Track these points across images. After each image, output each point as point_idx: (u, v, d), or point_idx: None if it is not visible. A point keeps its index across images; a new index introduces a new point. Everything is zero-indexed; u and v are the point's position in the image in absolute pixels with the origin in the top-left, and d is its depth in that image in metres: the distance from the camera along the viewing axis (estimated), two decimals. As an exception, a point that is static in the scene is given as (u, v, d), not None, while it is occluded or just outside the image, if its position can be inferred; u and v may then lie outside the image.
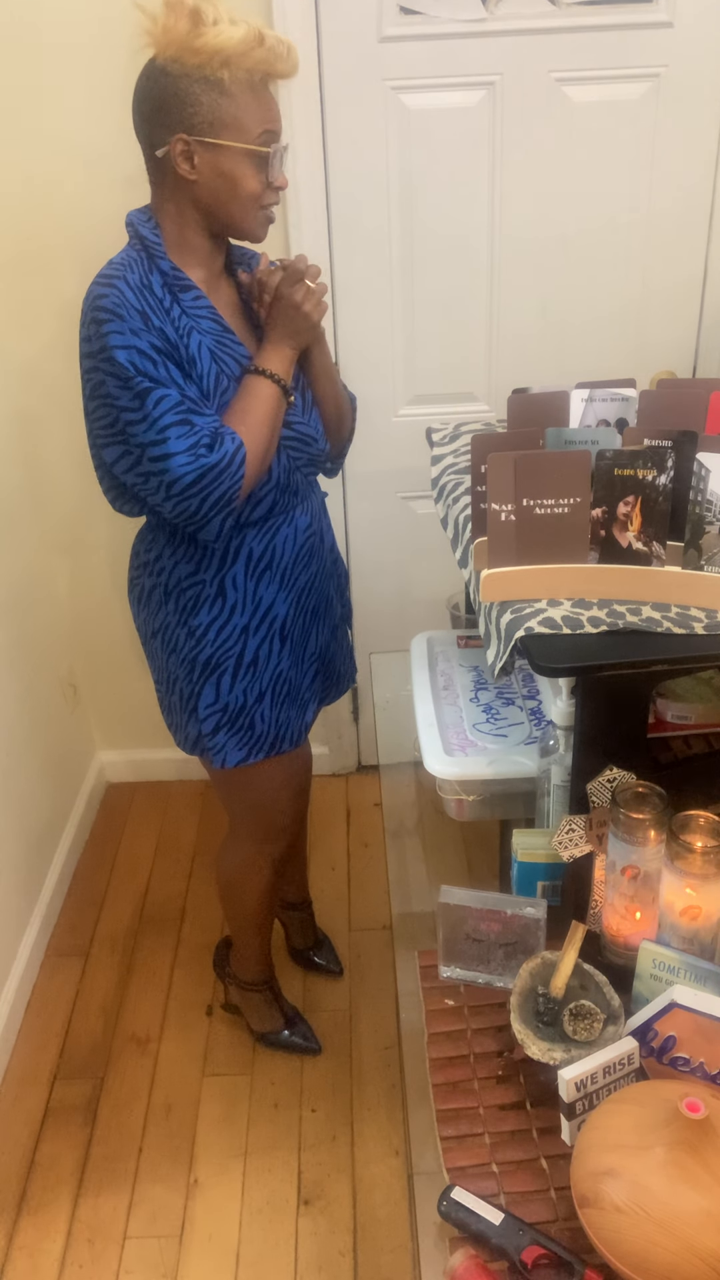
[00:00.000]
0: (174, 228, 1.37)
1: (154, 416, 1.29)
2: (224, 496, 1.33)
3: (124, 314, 1.28)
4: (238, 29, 1.23)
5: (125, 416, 1.30)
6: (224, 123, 1.27)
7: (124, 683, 2.61)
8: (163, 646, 1.55)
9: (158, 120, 1.29)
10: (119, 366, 1.28)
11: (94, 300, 1.30)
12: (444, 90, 1.98)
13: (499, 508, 1.13)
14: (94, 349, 1.30)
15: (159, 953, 2.24)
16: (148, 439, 1.30)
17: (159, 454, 1.30)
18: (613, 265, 2.14)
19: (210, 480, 1.31)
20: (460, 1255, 0.89)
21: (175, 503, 1.33)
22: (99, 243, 1.52)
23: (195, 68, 1.25)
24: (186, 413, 1.31)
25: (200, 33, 1.22)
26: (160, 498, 1.34)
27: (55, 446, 2.29)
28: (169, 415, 1.29)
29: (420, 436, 1.70)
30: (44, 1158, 1.84)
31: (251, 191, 1.32)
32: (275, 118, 1.31)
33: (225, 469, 1.32)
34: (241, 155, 1.29)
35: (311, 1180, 1.78)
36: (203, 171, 1.30)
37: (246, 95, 1.27)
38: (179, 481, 1.31)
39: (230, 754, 1.57)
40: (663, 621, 1.07)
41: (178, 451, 1.30)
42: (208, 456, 1.30)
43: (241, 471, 1.33)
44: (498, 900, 1.13)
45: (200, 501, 1.33)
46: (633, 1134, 0.86)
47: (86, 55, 1.89)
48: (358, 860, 2.48)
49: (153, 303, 1.32)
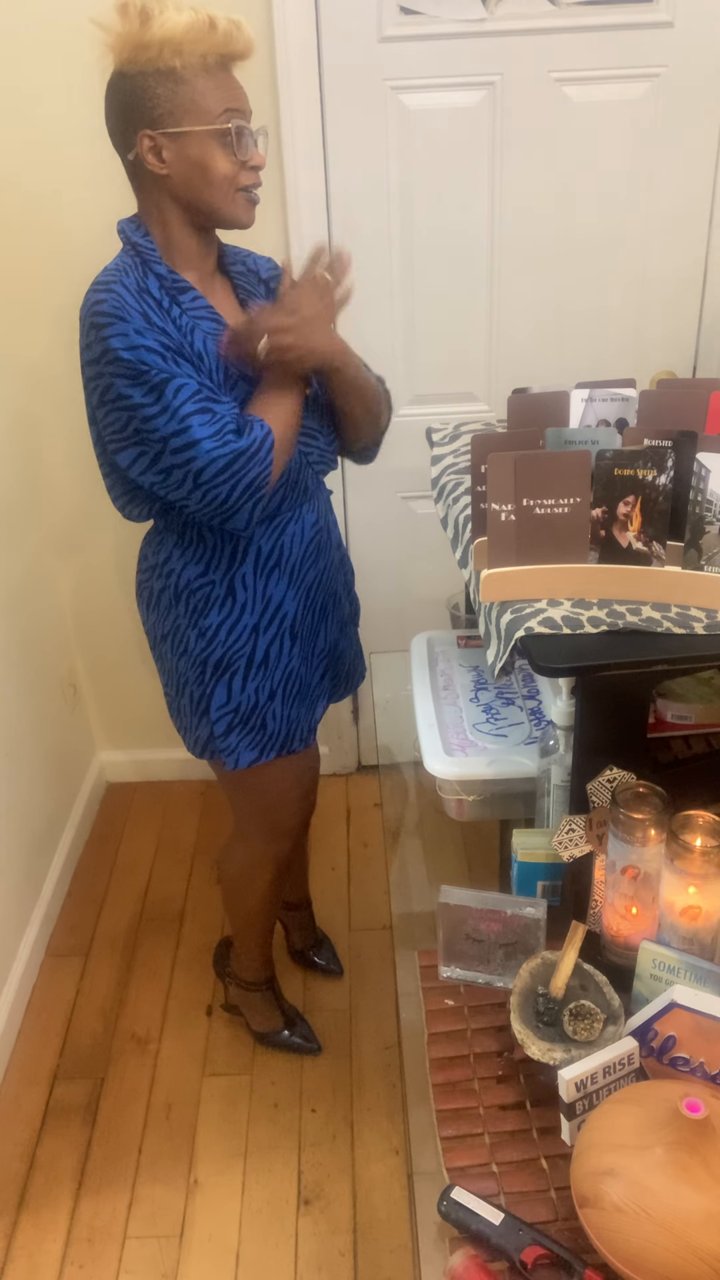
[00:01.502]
0: (161, 231, 1.36)
1: (174, 406, 1.27)
2: (254, 482, 1.31)
3: (126, 315, 1.27)
4: (183, 15, 1.23)
5: (142, 413, 1.28)
6: (184, 110, 1.26)
7: (124, 683, 2.62)
8: (173, 649, 1.55)
9: (124, 124, 1.30)
10: (127, 365, 1.27)
11: (92, 306, 1.29)
12: (444, 90, 1.98)
13: (499, 508, 1.13)
14: (95, 355, 1.29)
15: (159, 953, 2.24)
16: (169, 430, 1.28)
17: (183, 443, 1.28)
18: (613, 264, 2.14)
19: (241, 466, 1.29)
20: (460, 1255, 0.89)
21: (204, 491, 1.31)
22: (98, 247, 1.52)
23: (148, 63, 1.25)
24: (206, 400, 1.29)
25: (146, 28, 1.23)
26: (186, 490, 1.32)
27: (56, 449, 2.30)
28: (189, 404, 1.28)
29: (420, 436, 1.70)
30: (44, 1158, 1.84)
31: (224, 172, 1.30)
32: (237, 97, 1.30)
33: (255, 454, 1.30)
34: (206, 138, 1.28)
35: (311, 1180, 1.78)
36: (173, 164, 1.30)
37: (202, 79, 1.26)
38: (209, 468, 1.29)
39: (243, 754, 1.57)
40: (663, 621, 1.07)
41: (203, 438, 1.28)
42: (236, 442, 1.29)
43: (270, 457, 1.32)
44: (498, 900, 1.13)
45: (231, 488, 1.30)
46: (633, 1134, 0.86)
47: (84, 59, 1.89)
48: (358, 860, 2.48)
49: (151, 304, 1.32)
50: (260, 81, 1.89)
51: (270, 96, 1.93)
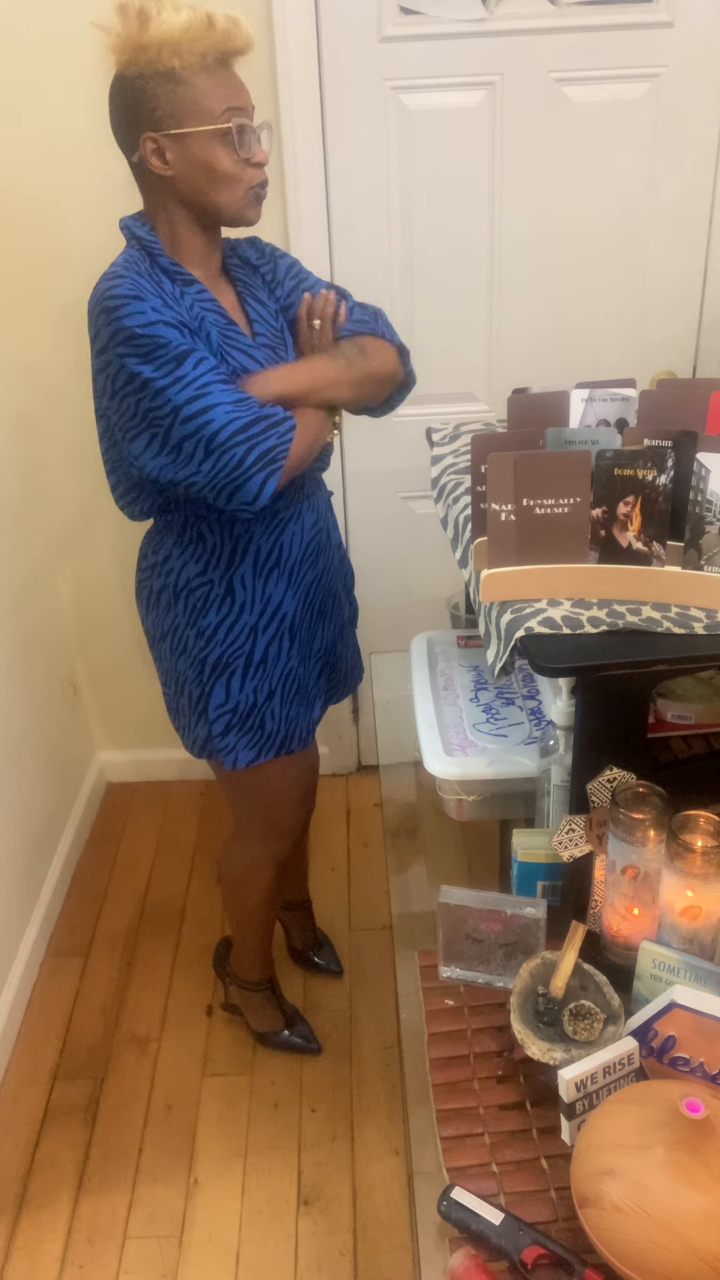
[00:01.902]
0: (167, 230, 1.37)
1: (192, 376, 1.26)
2: (270, 452, 1.29)
3: (142, 295, 1.27)
4: (180, 15, 1.23)
5: (152, 388, 1.26)
6: (185, 110, 1.26)
7: (124, 683, 2.62)
8: (171, 649, 1.55)
9: (127, 126, 1.30)
10: (144, 340, 1.25)
11: (104, 292, 1.28)
12: (444, 90, 1.98)
13: (499, 508, 1.13)
14: (105, 341, 1.29)
15: (159, 953, 2.24)
16: (181, 399, 1.26)
17: (199, 409, 1.26)
18: (613, 265, 2.14)
19: (260, 430, 1.28)
20: (460, 1255, 0.89)
21: (217, 456, 1.28)
22: (99, 249, 1.52)
23: (148, 64, 1.25)
24: (226, 376, 1.29)
25: (145, 29, 1.23)
26: (197, 462, 1.29)
27: (57, 449, 2.30)
28: (210, 375, 1.27)
29: (420, 436, 1.70)
30: (44, 1158, 1.84)
31: (228, 171, 1.30)
32: (238, 94, 1.30)
33: (275, 425, 1.29)
34: (209, 138, 1.28)
35: (311, 1180, 1.78)
36: (176, 165, 1.30)
37: (202, 78, 1.26)
38: (225, 428, 1.26)
39: (241, 754, 1.57)
40: (663, 621, 1.07)
41: (223, 401, 1.27)
42: (260, 409, 1.29)
43: (290, 437, 1.31)
44: (498, 900, 1.13)
45: (247, 450, 1.27)
46: (633, 1134, 0.86)
47: (84, 62, 1.89)
48: (358, 860, 2.48)
49: (164, 293, 1.32)
50: (260, 81, 1.89)
51: (270, 96, 1.93)
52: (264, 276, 1.51)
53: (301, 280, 1.52)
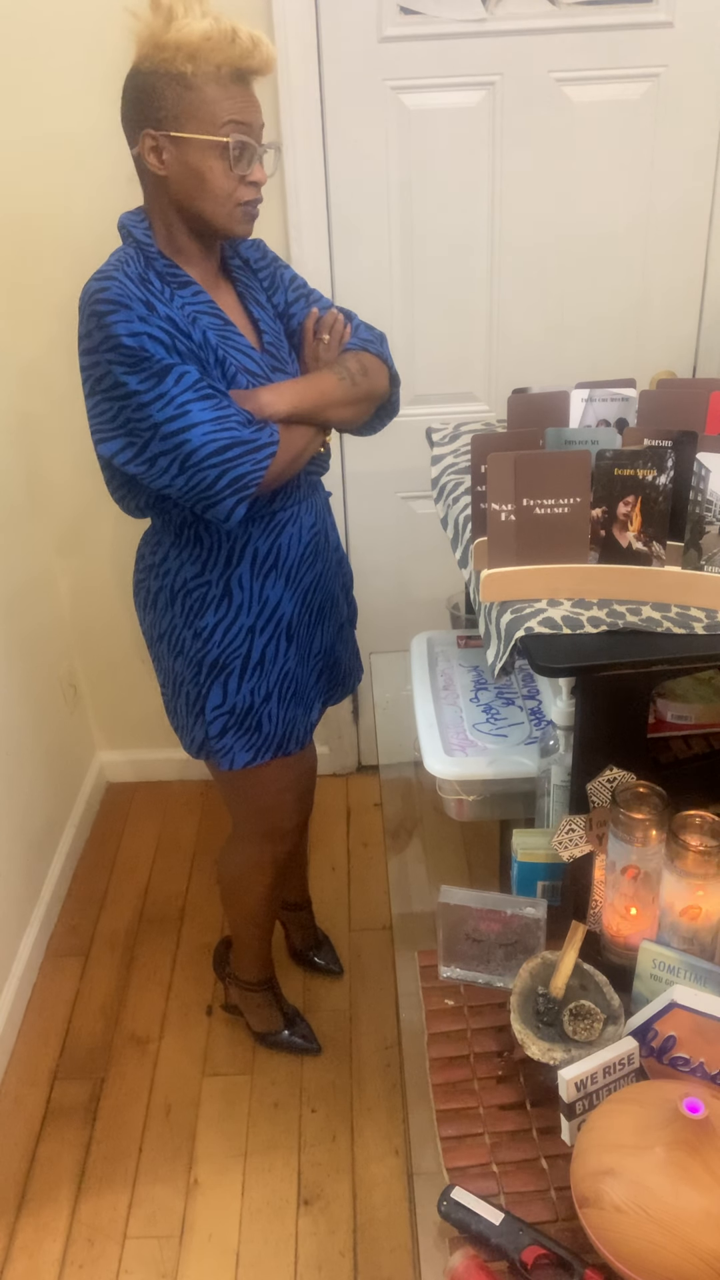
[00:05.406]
0: (163, 228, 1.37)
1: (173, 394, 1.27)
2: (243, 478, 1.30)
3: (129, 303, 1.27)
4: (202, 23, 1.22)
5: (136, 400, 1.27)
6: (187, 115, 1.26)
7: (124, 683, 2.62)
8: (169, 649, 1.55)
9: (133, 119, 1.30)
10: (128, 351, 1.26)
11: (93, 294, 1.28)
12: (444, 90, 1.98)
13: (499, 508, 1.13)
14: (95, 343, 1.29)
15: (159, 953, 2.24)
16: (162, 416, 1.27)
17: (177, 428, 1.27)
18: (612, 265, 2.14)
19: (235, 455, 1.29)
20: (460, 1255, 0.89)
21: (190, 475, 1.30)
22: (99, 243, 1.52)
23: (163, 63, 1.24)
24: (209, 390, 1.29)
25: (168, 28, 1.22)
26: (170, 475, 1.31)
27: (56, 448, 2.30)
28: (189, 392, 1.28)
29: (420, 436, 1.70)
30: (44, 1158, 1.84)
31: (218, 184, 1.29)
32: (245, 110, 1.29)
33: (252, 450, 1.30)
34: (205, 147, 1.28)
35: (311, 1180, 1.78)
36: (171, 166, 1.30)
37: (212, 88, 1.25)
38: (201, 449, 1.28)
39: (238, 756, 1.57)
40: (663, 621, 1.07)
41: (202, 421, 1.27)
42: (239, 431, 1.29)
43: (266, 464, 1.31)
44: (498, 900, 1.13)
45: (219, 474, 1.29)
46: (633, 1134, 0.86)
47: (85, 54, 1.90)
48: (358, 860, 2.48)
49: (154, 294, 1.32)
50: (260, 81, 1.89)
51: (270, 96, 1.93)
52: (262, 280, 1.51)
53: (307, 296, 1.53)
